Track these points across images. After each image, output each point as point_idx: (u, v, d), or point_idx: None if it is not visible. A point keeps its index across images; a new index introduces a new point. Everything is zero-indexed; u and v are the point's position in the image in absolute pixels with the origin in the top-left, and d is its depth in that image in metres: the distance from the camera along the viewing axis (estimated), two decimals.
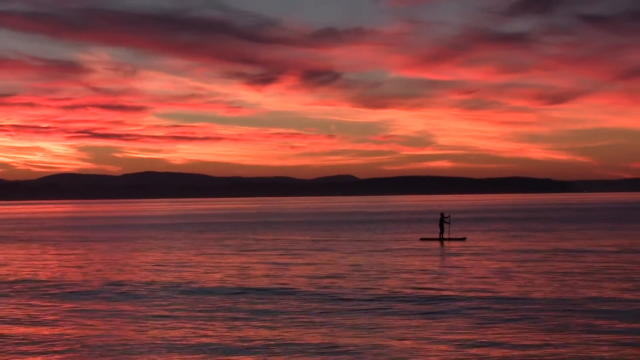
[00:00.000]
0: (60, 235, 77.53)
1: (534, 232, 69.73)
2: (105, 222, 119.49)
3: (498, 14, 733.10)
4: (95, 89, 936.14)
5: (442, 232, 59.21)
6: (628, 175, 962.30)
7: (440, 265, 40.63)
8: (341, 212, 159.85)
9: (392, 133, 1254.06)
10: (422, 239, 60.44)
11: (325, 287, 31.64)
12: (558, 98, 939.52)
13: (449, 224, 60.28)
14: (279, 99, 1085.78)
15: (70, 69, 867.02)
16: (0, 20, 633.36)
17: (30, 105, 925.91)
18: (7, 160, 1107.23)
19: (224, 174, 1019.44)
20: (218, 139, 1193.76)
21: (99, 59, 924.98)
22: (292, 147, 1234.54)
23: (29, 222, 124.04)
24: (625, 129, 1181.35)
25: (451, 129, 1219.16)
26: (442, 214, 60.14)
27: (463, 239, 58.88)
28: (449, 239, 58.48)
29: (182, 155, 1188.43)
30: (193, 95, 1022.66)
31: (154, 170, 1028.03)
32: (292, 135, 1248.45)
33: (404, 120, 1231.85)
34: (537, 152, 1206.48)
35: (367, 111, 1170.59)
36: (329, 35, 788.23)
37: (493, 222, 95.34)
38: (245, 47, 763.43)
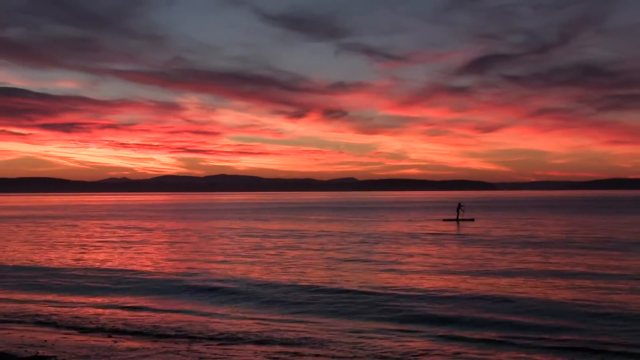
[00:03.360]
0: (173, 216, 71.32)
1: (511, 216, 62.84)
2: (204, 207, 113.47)
3: (450, 74, 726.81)
4: (188, 121, 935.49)
5: (458, 214, 52.36)
6: (533, 179, 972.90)
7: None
8: (383, 202, 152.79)
9: (380, 150, 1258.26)
10: (445, 220, 53.36)
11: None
12: (488, 129, 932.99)
13: (464, 211, 53.59)
14: (307, 128, 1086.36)
15: (172, 107, 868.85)
16: (129, 76, 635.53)
17: (147, 130, 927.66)
18: (132, 166, 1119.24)
19: (270, 176, 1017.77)
20: (267, 153, 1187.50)
21: (191, 101, 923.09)
22: (315, 159, 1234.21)
23: (151, 207, 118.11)
24: (531, 150, 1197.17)
25: (419, 149, 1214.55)
26: (459, 203, 53.19)
27: (472, 220, 51.90)
28: (463, 220, 51.58)
29: (244, 164, 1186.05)
30: (251, 125, 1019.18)
31: (226, 173, 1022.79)
32: (315, 151, 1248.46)
33: (389, 143, 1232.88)
34: (475, 164, 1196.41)
35: (364, 136, 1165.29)
36: (340, 87, 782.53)
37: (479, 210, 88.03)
38: (285, 94, 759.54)
